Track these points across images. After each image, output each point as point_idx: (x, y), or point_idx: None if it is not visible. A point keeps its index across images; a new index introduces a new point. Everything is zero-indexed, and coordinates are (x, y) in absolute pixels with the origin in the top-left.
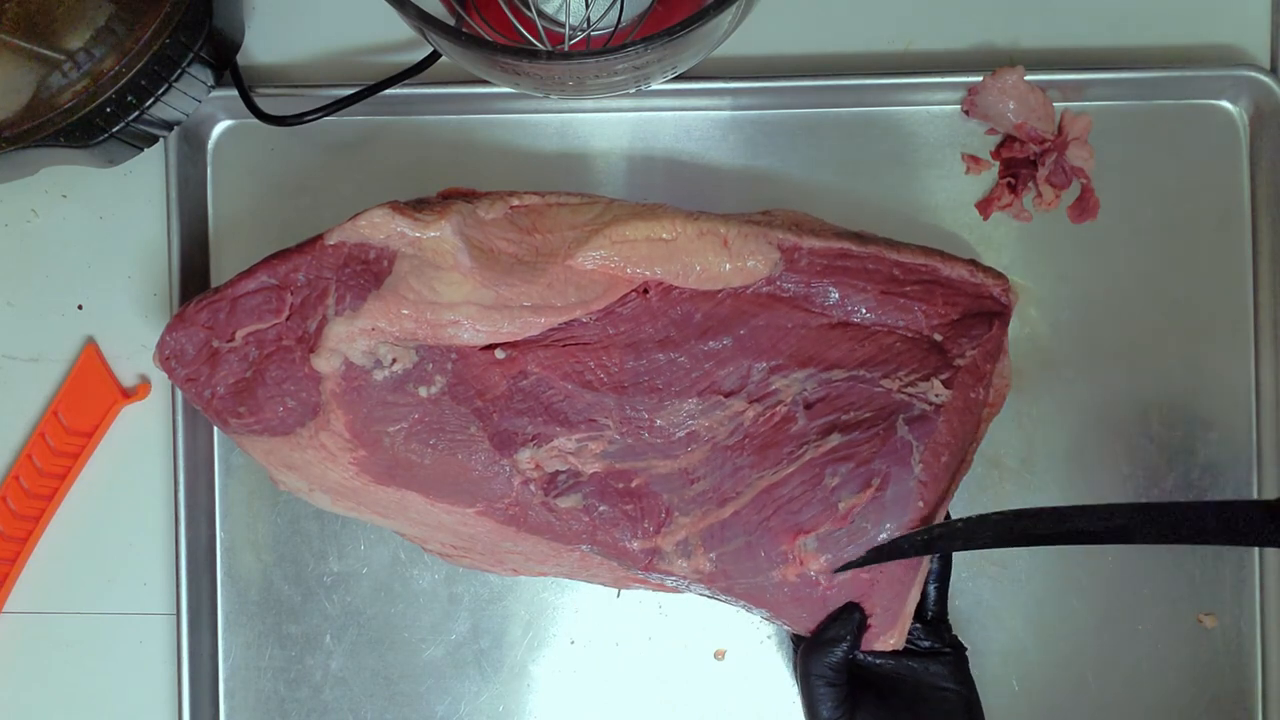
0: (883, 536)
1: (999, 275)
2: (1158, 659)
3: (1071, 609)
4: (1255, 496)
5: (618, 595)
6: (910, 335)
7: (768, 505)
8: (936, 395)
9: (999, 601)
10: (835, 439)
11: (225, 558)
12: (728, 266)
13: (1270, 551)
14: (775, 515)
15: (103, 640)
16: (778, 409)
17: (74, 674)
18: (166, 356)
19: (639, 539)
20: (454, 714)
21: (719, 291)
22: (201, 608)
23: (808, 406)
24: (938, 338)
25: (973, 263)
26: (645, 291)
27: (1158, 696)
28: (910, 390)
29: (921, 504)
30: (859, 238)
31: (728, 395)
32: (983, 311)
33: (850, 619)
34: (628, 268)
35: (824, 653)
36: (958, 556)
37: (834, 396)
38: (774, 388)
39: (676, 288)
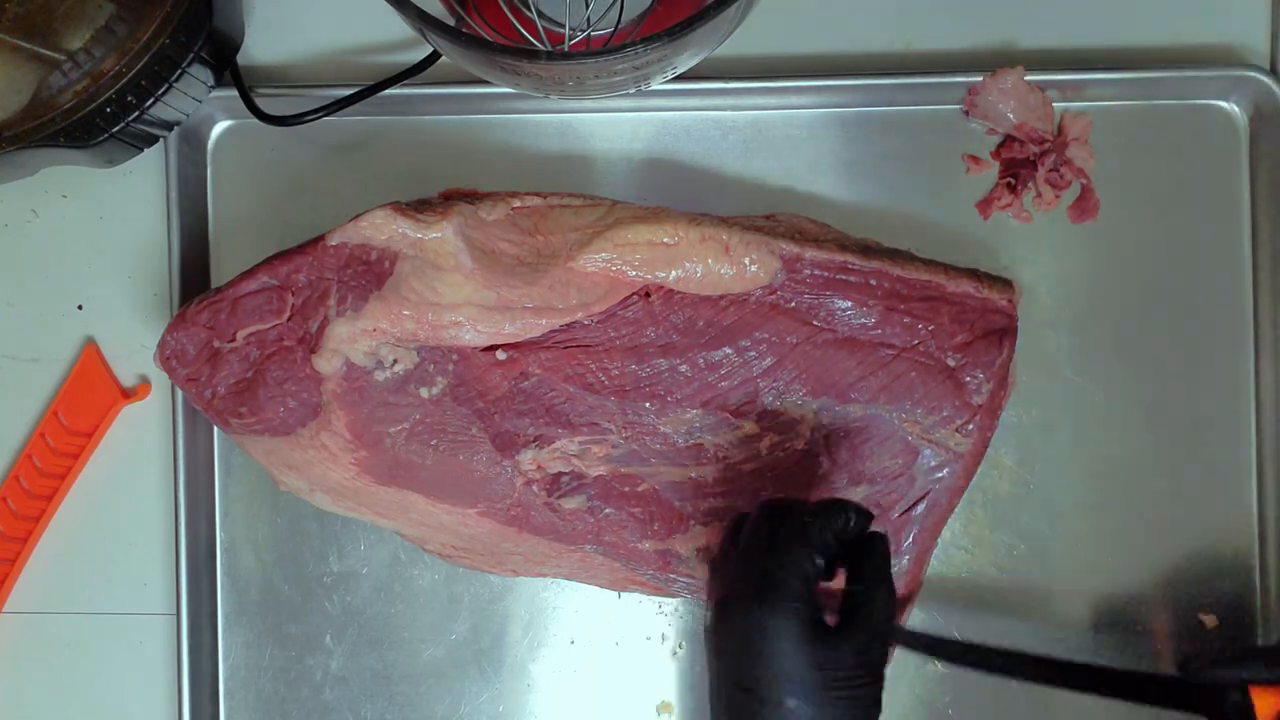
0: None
1: (1005, 284)
2: (1158, 659)
3: (1071, 609)
4: (1255, 499)
5: (619, 597)
6: (922, 362)
7: None
8: (957, 445)
9: (1000, 601)
10: (864, 489)
11: (225, 558)
12: (729, 273)
13: (1270, 551)
14: None
15: (103, 640)
16: (796, 444)
17: (74, 674)
18: (167, 356)
19: (650, 540)
20: (454, 714)
21: (721, 299)
22: (201, 608)
23: (828, 446)
24: (951, 362)
25: (976, 274)
26: (647, 295)
27: None
28: (931, 437)
29: (917, 544)
30: (863, 251)
31: (736, 414)
32: (992, 330)
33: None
34: (629, 271)
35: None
36: (958, 557)
37: (855, 440)
38: (787, 417)
39: (678, 292)
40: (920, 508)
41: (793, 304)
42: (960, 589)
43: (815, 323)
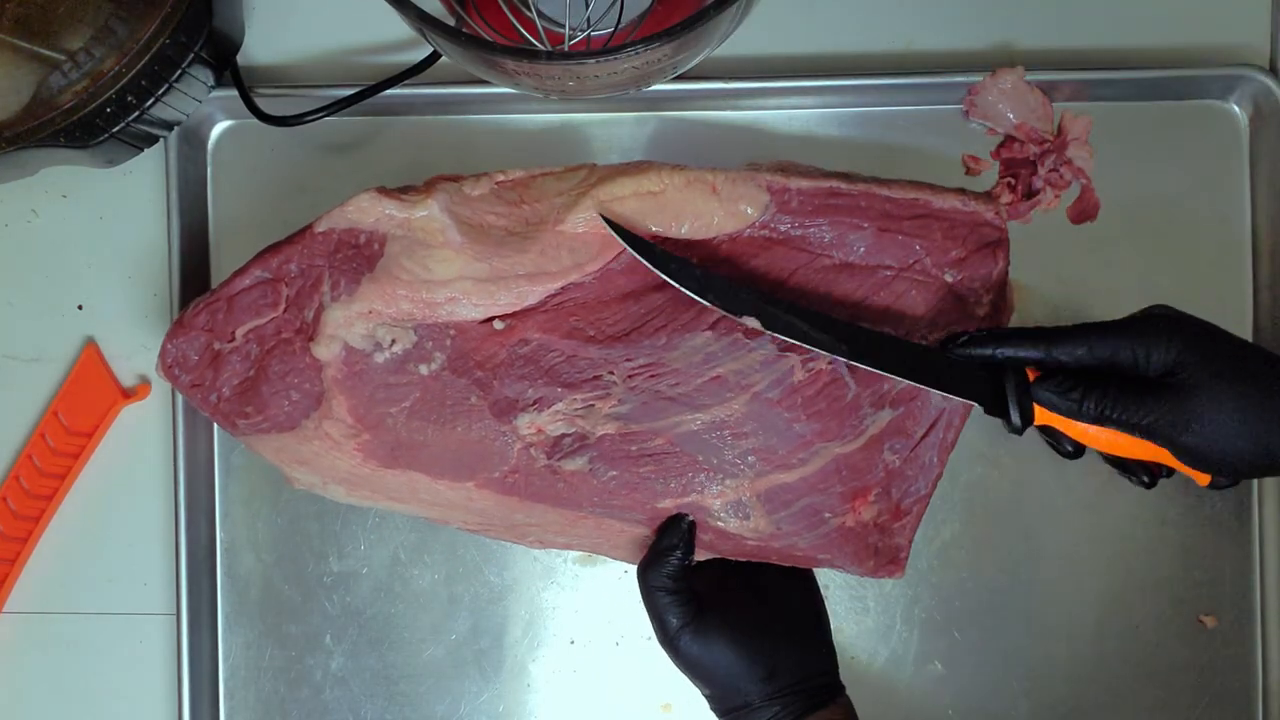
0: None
1: (990, 199)
2: (1158, 659)
3: (1072, 609)
4: (1255, 499)
5: (619, 596)
6: (921, 280)
7: (834, 477)
8: None
9: (1000, 601)
10: (887, 414)
11: (225, 558)
12: (718, 212)
13: (1270, 551)
14: (843, 484)
15: (103, 640)
16: (819, 363)
17: (74, 674)
18: (170, 365)
19: (669, 498)
20: (454, 714)
21: (713, 239)
22: (201, 608)
23: (850, 369)
24: (948, 278)
25: (962, 191)
26: None
27: (1158, 696)
28: None
29: (936, 465)
30: (847, 176)
31: (749, 334)
32: (984, 243)
33: (679, 527)
34: None
35: (661, 564)
36: (958, 557)
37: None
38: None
39: (670, 239)
40: (937, 430)
41: (785, 235)
42: (960, 588)
43: (810, 250)
